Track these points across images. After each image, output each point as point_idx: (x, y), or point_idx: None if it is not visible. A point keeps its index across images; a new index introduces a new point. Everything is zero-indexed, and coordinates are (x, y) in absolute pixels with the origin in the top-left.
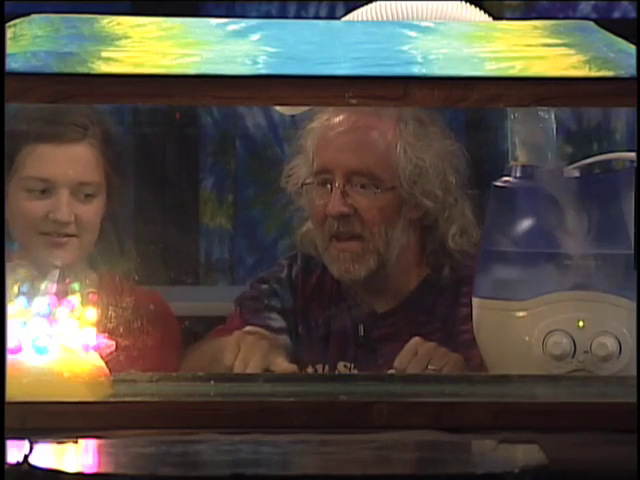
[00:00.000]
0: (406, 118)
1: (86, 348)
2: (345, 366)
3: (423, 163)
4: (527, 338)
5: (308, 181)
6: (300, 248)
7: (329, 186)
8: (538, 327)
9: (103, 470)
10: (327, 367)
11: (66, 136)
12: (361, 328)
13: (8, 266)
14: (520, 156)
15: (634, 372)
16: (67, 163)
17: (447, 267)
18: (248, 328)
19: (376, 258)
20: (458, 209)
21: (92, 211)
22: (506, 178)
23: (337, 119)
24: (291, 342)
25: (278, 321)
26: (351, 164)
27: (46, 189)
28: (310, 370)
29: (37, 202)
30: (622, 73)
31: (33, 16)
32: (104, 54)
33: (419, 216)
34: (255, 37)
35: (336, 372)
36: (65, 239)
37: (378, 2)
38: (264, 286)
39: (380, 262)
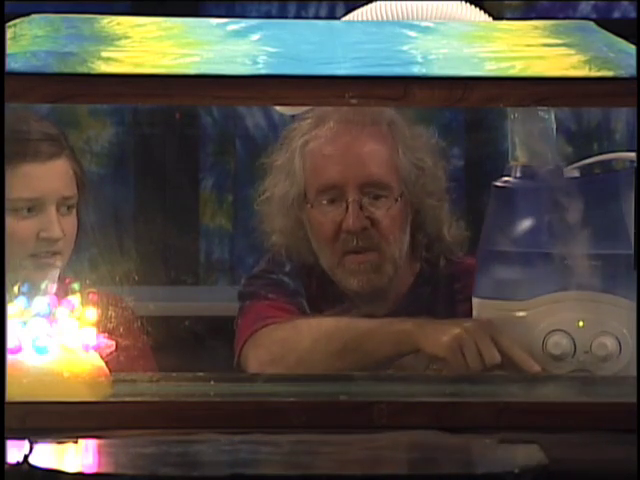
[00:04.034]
0: (393, 120)
1: (86, 348)
2: None
3: (421, 163)
4: (527, 338)
5: (310, 200)
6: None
7: (342, 202)
8: (538, 327)
9: (103, 470)
10: None
11: (47, 152)
12: None
13: None
14: (520, 156)
15: (634, 372)
16: (52, 179)
17: (439, 262)
18: None
19: (392, 265)
20: (448, 204)
21: (73, 224)
22: (506, 178)
23: (328, 134)
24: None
25: (305, 307)
26: (362, 177)
27: (32, 207)
28: None
29: (25, 222)
30: (622, 73)
31: (33, 16)
32: (104, 54)
33: (414, 216)
34: (255, 37)
35: None
36: (52, 259)
37: (378, 2)
38: (273, 276)
39: (395, 269)
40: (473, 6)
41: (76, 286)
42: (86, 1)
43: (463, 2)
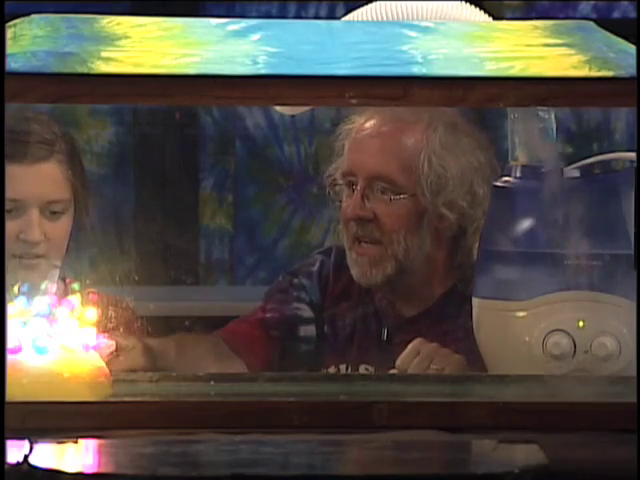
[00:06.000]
0: (436, 125)
1: (86, 348)
2: (366, 369)
3: (447, 173)
4: (527, 338)
5: (339, 182)
6: (337, 242)
7: (352, 189)
8: (538, 327)
9: (103, 470)
10: (350, 368)
11: (34, 155)
12: (385, 331)
13: None
14: (520, 156)
15: (634, 372)
16: (36, 183)
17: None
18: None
19: (394, 264)
20: (477, 224)
21: (61, 228)
22: (506, 178)
23: (369, 122)
24: (317, 336)
25: (307, 312)
26: (372, 168)
27: (14, 209)
28: (333, 370)
29: (6, 223)
30: (622, 73)
31: (33, 16)
32: (104, 54)
33: (445, 226)
34: (255, 37)
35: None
36: (35, 260)
37: (378, 2)
38: (294, 280)
39: (398, 269)
40: (473, 6)
41: (76, 286)
42: (86, 1)
43: (463, 2)
